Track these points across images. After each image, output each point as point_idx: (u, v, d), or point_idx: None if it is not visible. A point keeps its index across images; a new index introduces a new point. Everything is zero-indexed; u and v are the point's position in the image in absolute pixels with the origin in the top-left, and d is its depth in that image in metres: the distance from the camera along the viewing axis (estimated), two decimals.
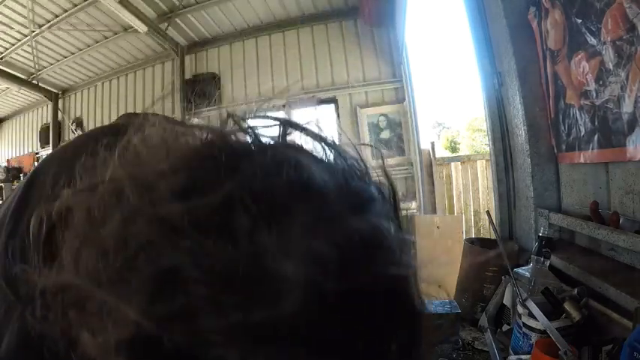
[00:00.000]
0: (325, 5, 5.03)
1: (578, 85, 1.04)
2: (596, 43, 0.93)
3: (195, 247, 0.18)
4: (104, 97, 5.96)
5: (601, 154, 0.99)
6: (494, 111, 1.48)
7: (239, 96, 5.46)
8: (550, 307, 0.83)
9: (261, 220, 0.19)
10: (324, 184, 0.22)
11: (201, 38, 5.53)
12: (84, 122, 6.11)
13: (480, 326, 1.12)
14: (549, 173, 1.26)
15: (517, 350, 0.88)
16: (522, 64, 1.26)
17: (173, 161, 0.22)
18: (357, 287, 0.19)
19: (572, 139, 1.11)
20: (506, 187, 1.49)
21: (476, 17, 1.49)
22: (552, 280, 0.96)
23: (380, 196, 0.26)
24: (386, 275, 0.21)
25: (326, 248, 0.19)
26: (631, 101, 0.83)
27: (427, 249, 4.00)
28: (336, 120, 5.03)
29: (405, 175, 4.78)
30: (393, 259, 0.22)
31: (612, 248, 0.95)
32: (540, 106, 1.25)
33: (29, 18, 4.21)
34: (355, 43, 5.04)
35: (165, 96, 5.68)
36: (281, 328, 0.17)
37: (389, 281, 0.21)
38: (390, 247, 0.22)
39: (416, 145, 4.50)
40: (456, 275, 1.35)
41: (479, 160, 4.70)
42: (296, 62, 5.25)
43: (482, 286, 1.21)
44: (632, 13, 0.79)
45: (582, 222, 1.00)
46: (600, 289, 0.84)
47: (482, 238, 1.43)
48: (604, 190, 1.03)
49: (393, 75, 4.86)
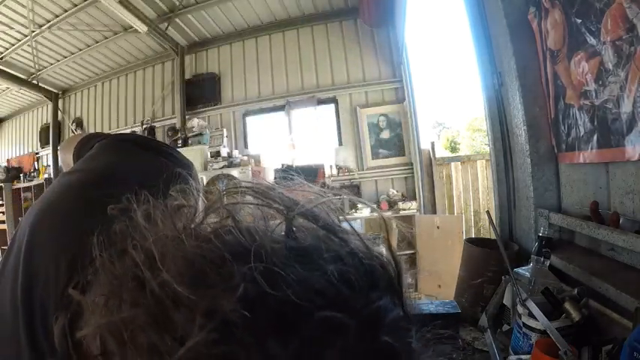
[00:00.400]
0: (325, 5, 5.03)
1: (578, 85, 1.04)
2: (596, 43, 0.93)
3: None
4: (104, 97, 5.96)
5: (601, 154, 0.99)
6: (494, 111, 1.48)
7: (239, 96, 5.46)
8: (550, 307, 0.83)
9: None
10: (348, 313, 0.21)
11: (201, 38, 5.53)
12: (84, 122, 6.11)
13: (480, 326, 1.12)
14: (549, 173, 1.26)
15: (517, 350, 0.88)
16: (522, 64, 1.25)
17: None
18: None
19: (571, 139, 1.11)
20: (506, 187, 1.49)
21: (476, 17, 1.49)
22: (552, 280, 0.96)
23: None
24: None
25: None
26: (630, 101, 0.83)
27: (427, 249, 4.00)
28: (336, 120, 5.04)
29: (405, 175, 4.79)
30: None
31: (612, 248, 0.95)
32: (540, 106, 1.25)
33: (29, 18, 4.21)
34: (355, 43, 5.04)
35: (165, 96, 5.68)
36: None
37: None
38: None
39: (416, 145, 4.50)
40: (456, 275, 1.35)
41: (479, 160, 4.69)
42: (296, 62, 5.25)
43: (482, 286, 1.21)
44: (632, 13, 0.79)
45: (582, 222, 1.00)
46: (600, 289, 0.84)
47: (482, 238, 1.43)
48: (604, 190, 1.03)
49: (393, 75, 4.86)
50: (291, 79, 5.26)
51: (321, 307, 0.21)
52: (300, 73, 5.23)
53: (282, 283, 0.21)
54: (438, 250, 3.91)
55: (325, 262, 0.23)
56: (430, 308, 0.81)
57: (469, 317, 1.18)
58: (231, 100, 5.49)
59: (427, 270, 3.99)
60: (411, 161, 4.70)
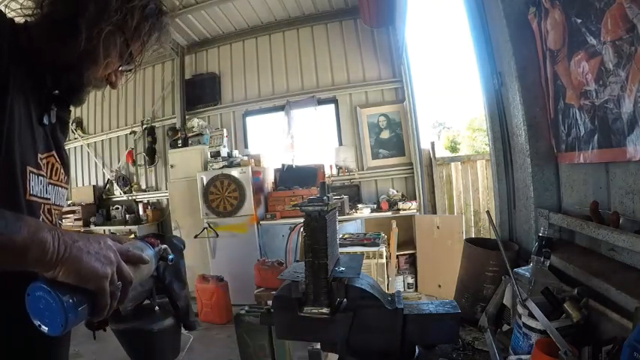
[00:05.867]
0: (325, 5, 5.03)
1: (578, 85, 1.04)
2: (596, 43, 0.93)
3: None
4: (104, 97, 5.96)
5: (601, 154, 0.99)
6: (494, 111, 1.48)
7: (239, 96, 5.46)
8: (550, 307, 0.83)
9: None
10: None
11: (201, 38, 5.54)
12: (84, 122, 6.11)
13: (480, 326, 1.12)
14: (549, 173, 1.26)
15: (517, 350, 0.88)
16: (522, 64, 1.25)
17: None
18: None
19: (572, 139, 1.11)
20: (506, 187, 1.49)
21: (476, 17, 1.49)
22: (552, 280, 0.96)
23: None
24: None
25: None
26: (631, 101, 0.83)
27: (427, 249, 4.00)
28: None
29: (405, 175, 4.79)
30: None
31: (612, 248, 0.95)
32: (540, 106, 1.25)
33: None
34: (355, 43, 5.04)
35: (165, 96, 5.68)
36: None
37: None
38: None
39: (416, 145, 4.50)
40: (455, 275, 1.35)
41: (479, 160, 4.70)
42: (296, 62, 5.25)
43: (482, 286, 1.21)
44: (632, 13, 0.79)
45: (582, 222, 1.00)
46: (600, 289, 0.84)
47: (482, 238, 1.43)
48: (604, 190, 1.03)
49: (393, 75, 4.86)
50: (291, 79, 5.26)
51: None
52: (300, 73, 5.23)
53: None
54: (438, 250, 3.91)
55: None
56: (430, 308, 0.81)
57: (469, 317, 1.18)
58: (231, 100, 5.49)
59: (427, 270, 3.99)
60: (411, 161, 4.70)
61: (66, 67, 0.73)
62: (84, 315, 0.54)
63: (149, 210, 5.48)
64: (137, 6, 0.75)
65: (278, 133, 5.16)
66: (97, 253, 0.55)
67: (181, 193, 4.88)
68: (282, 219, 4.41)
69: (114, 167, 5.91)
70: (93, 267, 0.54)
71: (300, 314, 0.77)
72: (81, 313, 0.53)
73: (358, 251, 3.24)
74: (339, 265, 0.83)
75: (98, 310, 0.56)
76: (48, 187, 0.76)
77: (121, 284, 0.58)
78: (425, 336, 0.80)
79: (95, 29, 0.70)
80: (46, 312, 0.51)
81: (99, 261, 0.55)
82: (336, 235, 0.88)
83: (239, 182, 4.39)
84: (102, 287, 0.54)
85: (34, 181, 0.70)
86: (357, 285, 0.78)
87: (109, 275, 0.56)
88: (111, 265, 0.56)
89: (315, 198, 0.76)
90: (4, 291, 0.57)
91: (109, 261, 0.56)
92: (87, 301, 0.54)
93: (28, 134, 0.70)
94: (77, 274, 0.52)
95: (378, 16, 4.45)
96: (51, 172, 0.78)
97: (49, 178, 0.77)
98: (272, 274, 3.26)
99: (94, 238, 0.57)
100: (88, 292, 0.54)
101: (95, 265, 0.54)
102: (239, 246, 4.42)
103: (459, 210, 4.69)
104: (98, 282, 0.54)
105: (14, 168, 0.66)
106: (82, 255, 0.53)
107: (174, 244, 2.44)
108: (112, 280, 0.56)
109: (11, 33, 0.69)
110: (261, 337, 2.49)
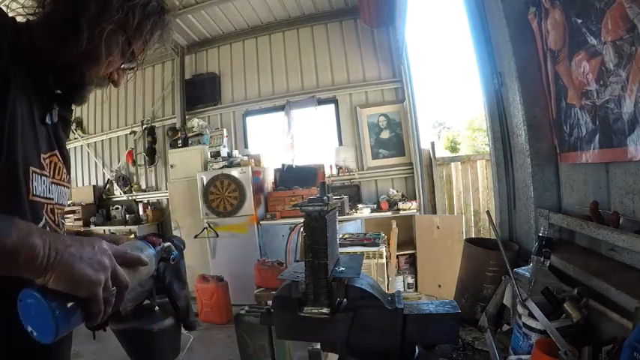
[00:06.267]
0: (325, 5, 5.03)
1: (579, 85, 1.04)
2: (597, 43, 0.93)
3: None
4: (104, 97, 5.96)
5: (602, 154, 0.99)
6: (494, 111, 1.48)
7: (239, 96, 5.46)
8: (550, 307, 0.83)
9: None
10: None
11: (201, 38, 5.54)
12: (84, 122, 6.11)
13: (480, 326, 1.12)
14: (549, 173, 1.26)
15: (517, 350, 0.88)
16: (522, 64, 1.25)
17: None
18: None
19: (574, 139, 1.11)
20: (506, 187, 1.49)
21: (476, 17, 1.49)
22: (552, 280, 0.96)
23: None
24: None
25: None
26: (631, 101, 0.83)
27: (427, 249, 4.00)
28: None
29: (405, 175, 4.79)
30: None
31: (612, 248, 0.95)
32: (541, 106, 1.25)
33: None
34: (355, 43, 5.04)
35: (165, 96, 5.68)
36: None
37: None
38: None
39: (416, 145, 4.50)
40: (455, 275, 1.35)
41: (479, 160, 4.70)
42: (296, 62, 5.25)
43: (482, 286, 1.21)
44: (633, 13, 0.79)
45: (582, 222, 1.00)
46: (600, 289, 0.84)
47: (482, 238, 1.43)
48: (604, 190, 1.03)
49: (393, 75, 4.86)
50: (291, 79, 5.26)
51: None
52: (300, 73, 5.23)
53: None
54: (438, 250, 3.91)
55: None
56: (430, 308, 0.81)
57: (469, 317, 1.18)
58: (231, 100, 5.49)
59: (427, 270, 3.99)
60: (411, 161, 4.70)
61: (67, 67, 0.73)
62: (76, 322, 0.53)
63: (149, 210, 5.48)
64: (138, 4, 0.75)
65: (278, 133, 5.15)
66: (90, 259, 0.54)
67: (181, 193, 4.88)
68: (282, 219, 4.41)
69: (114, 167, 5.91)
70: (85, 274, 0.52)
71: (300, 314, 0.77)
72: (73, 320, 0.52)
73: (358, 251, 3.24)
74: (339, 265, 0.83)
75: (91, 317, 0.54)
76: (51, 187, 0.76)
77: (116, 290, 0.57)
78: (425, 336, 0.80)
79: (97, 28, 0.70)
80: (37, 319, 0.50)
81: (91, 267, 0.53)
82: (336, 235, 0.88)
83: (239, 182, 4.39)
84: (94, 294, 0.53)
85: (37, 182, 0.70)
86: (357, 285, 0.78)
87: (102, 282, 0.54)
88: (104, 270, 0.55)
89: (315, 198, 0.76)
90: (5, 291, 0.57)
91: (102, 267, 0.55)
92: (79, 308, 0.53)
93: (31, 134, 0.70)
94: (68, 280, 0.51)
95: (378, 16, 4.45)
96: (54, 172, 0.78)
97: (52, 178, 0.77)
98: (272, 274, 3.26)
99: (88, 243, 0.56)
100: (81, 298, 0.53)
101: (87, 271, 0.53)
102: (239, 246, 4.42)
103: (459, 210, 4.69)
104: (90, 289, 0.53)
105: (17, 169, 0.65)
106: (73, 261, 0.52)
107: (175, 244, 2.44)
108: (106, 286, 0.55)
109: (12, 32, 0.68)
110: (261, 337, 2.49)
